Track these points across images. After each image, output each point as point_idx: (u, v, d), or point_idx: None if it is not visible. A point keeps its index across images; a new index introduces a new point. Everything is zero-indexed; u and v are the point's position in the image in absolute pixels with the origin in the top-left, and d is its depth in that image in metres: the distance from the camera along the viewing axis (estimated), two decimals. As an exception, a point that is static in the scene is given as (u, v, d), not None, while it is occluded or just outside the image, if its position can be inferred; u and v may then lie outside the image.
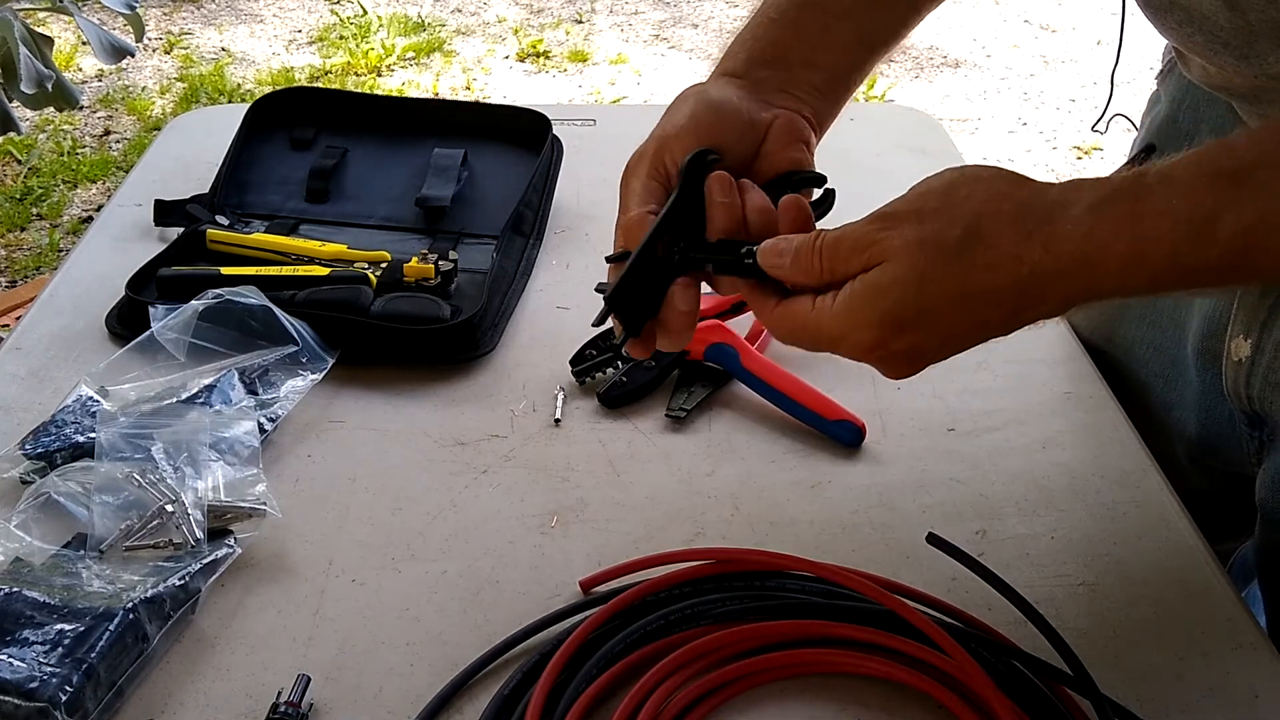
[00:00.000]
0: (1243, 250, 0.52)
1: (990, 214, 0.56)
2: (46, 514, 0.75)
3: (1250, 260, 0.52)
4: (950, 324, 0.58)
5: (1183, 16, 0.68)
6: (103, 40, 2.09)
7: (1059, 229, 0.54)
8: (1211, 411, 0.84)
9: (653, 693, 0.64)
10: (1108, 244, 0.53)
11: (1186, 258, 0.53)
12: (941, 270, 0.56)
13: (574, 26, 4.21)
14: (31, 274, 2.83)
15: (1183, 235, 0.52)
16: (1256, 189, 0.51)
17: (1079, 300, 0.56)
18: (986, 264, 0.55)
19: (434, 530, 0.77)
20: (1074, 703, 0.65)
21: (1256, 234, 0.51)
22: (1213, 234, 0.52)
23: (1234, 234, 0.51)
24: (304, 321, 0.89)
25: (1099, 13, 4.25)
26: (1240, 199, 0.51)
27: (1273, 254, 0.52)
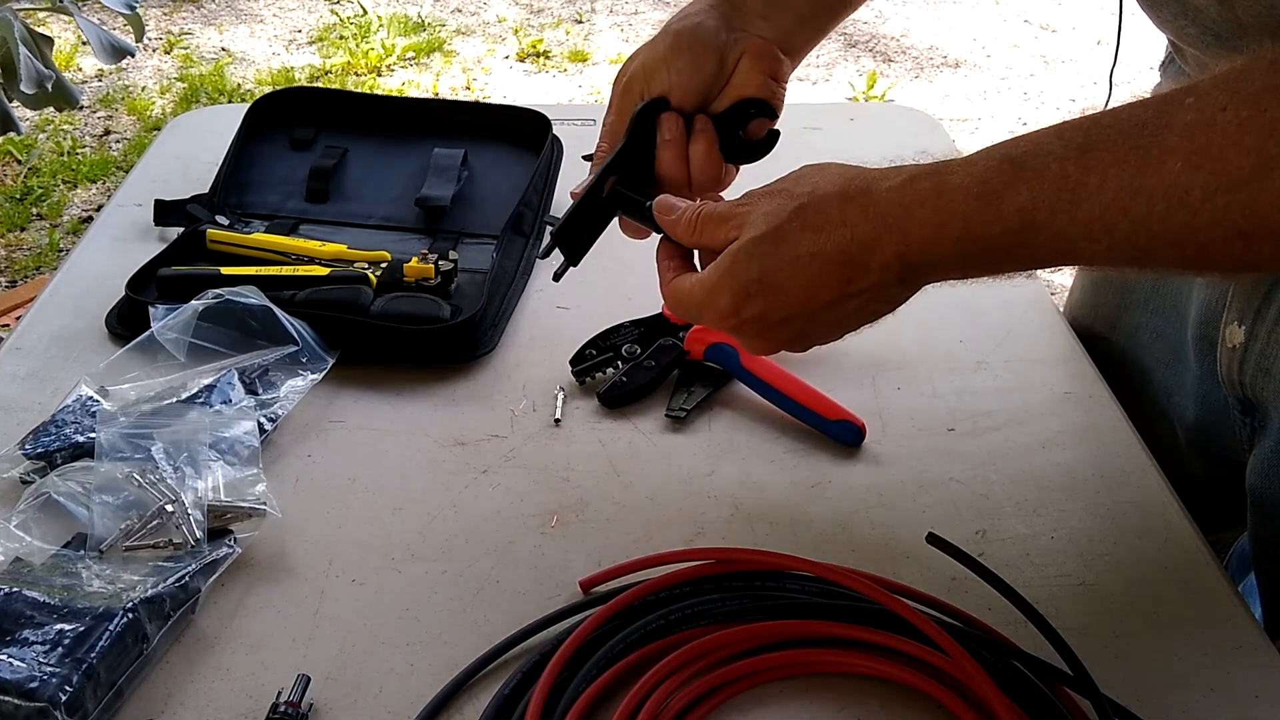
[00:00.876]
0: (1020, 228, 0.56)
1: (823, 188, 0.63)
2: (46, 514, 0.75)
3: (1028, 239, 0.56)
4: (788, 288, 0.62)
5: (1177, 9, 0.70)
6: (103, 40, 2.09)
7: (875, 196, 0.61)
8: (1208, 397, 0.84)
9: (653, 693, 0.64)
10: (913, 211, 0.59)
11: (977, 230, 0.57)
12: (779, 235, 0.62)
13: (574, 26, 4.21)
14: (31, 274, 2.83)
15: (974, 209, 0.57)
16: (1030, 173, 0.56)
17: (897, 270, 0.60)
18: (814, 225, 0.61)
19: (434, 530, 0.77)
20: (1074, 703, 0.65)
21: (1028, 212, 0.56)
22: (998, 210, 0.57)
23: (1014, 212, 0.56)
24: (304, 321, 0.89)
25: (1099, 13, 4.25)
26: (1018, 180, 0.56)
27: (1046, 232, 0.56)
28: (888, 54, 4.00)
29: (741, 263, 0.63)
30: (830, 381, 0.87)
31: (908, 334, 0.95)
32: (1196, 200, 0.51)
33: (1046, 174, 0.56)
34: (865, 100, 3.61)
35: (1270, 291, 0.75)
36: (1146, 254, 0.55)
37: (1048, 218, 0.56)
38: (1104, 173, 0.54)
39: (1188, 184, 0.51)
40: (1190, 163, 0.51)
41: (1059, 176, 0.55)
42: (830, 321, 0.65)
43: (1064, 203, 0.55)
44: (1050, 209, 0.55)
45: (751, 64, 0.75)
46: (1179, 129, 0.52)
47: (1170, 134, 0.52)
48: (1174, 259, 0.55)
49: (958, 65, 3.95)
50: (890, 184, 0.60)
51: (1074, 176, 0.55)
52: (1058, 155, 0.55)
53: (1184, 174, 0.51)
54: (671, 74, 0.74)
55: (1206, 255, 0.53)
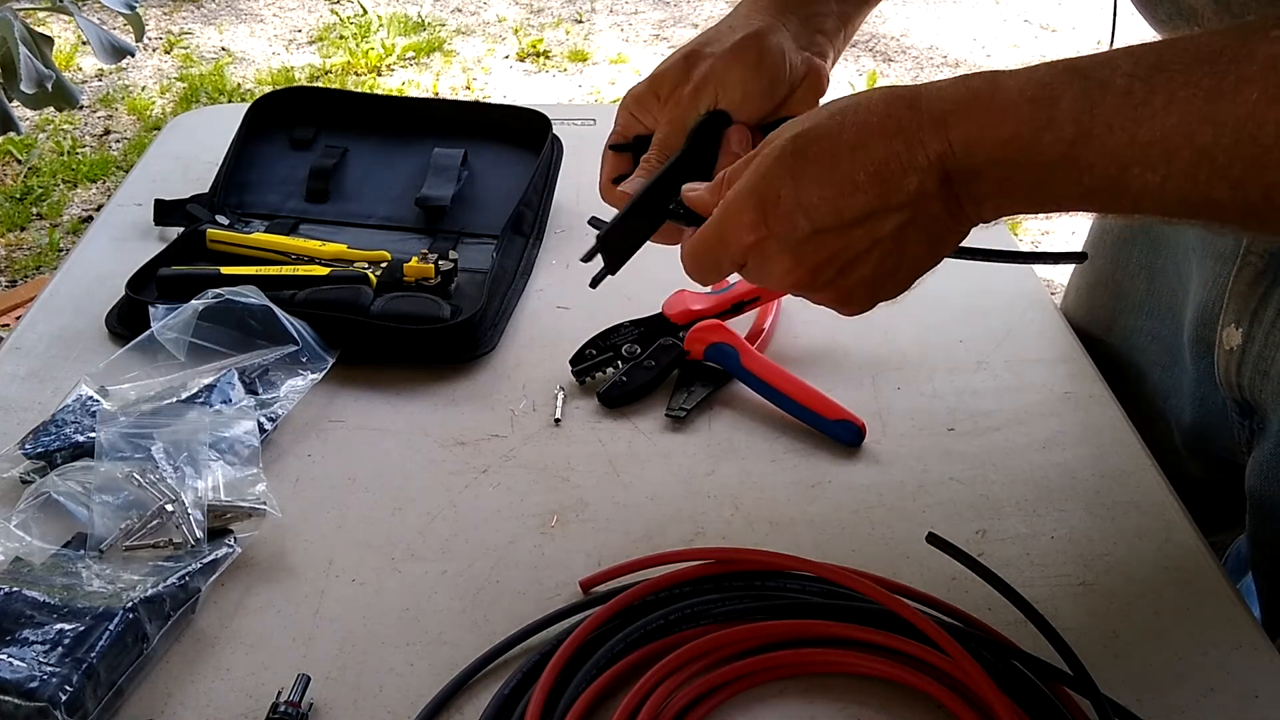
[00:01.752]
0: (1073, 139, 0.52)
1: (863, 97, 0.59)
2: (46, 514, 0.75)
3: (1079, 153, 0.53)
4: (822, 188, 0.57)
5: (1172, 9, 0.69)
6: (103, 40, 2.09)
7: (923, 93, 0.57)
8: (1206, 400, 0.84)
9: (653, 693, 0.64)
10: (962, 107, 0.55)
11: (1026, 134, 0.53)
12: (815, 133, 0.58)
13: (574, 26, 4.21)
14: (31, 274, 2.83)
15: (1026, 112, 0.54)
16: (1092, 83, 0.52)
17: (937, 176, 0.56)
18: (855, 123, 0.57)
19: (434, 530, 0.77)
20: (1074, 703, 0.65)
21: (1084, 122, 0.52)
22: (1052, 115, 0.53)
23: (1067, 117, 0.52)
24: (304, 321, 0.89)
25: (1099, 13, 4.24)
26: (1078, 88, 0.53)
27: (1100, 146, 0.52)
28: (888, 54, 4.00)
29: (770, 164, 0.59)
30: (830, 381, 0.87)
31: (908, 334, 0.95)
32: (1270, 136, 0.48)
33: (1110, 86, 0.52)
34: (865, 100, 3.60)
35: (1267, 293, 0.75)
36: (1205, 193, 0.51)
37: (1104, 131, 0.52)
38: (1172, 94, 0.50)
39: (1262, 117, 0.48)
40: (1268, 95, 0.48)
41: (1123, 91, 0.51)
42: (869, 246, 0.58)
43: (1125, 119, 0.51)
44: (1108, 123, 0.52)
45: (809, 89, 0.73)
46: (1261, 60, 0.49)
47: (1250, 63, 0.49)
48: (1232, 203, 0.51)
49: (958, 65, 3.95)
50: (940, 84, 0.57)
51: (1139, 93, 0.51)
52: (1125, 71, 0.52)
53: (1260, 106, 0.48)
54: (744, 87, 0.70)
55: (1269, 202, 0.50)
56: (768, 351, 0.93)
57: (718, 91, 0.71)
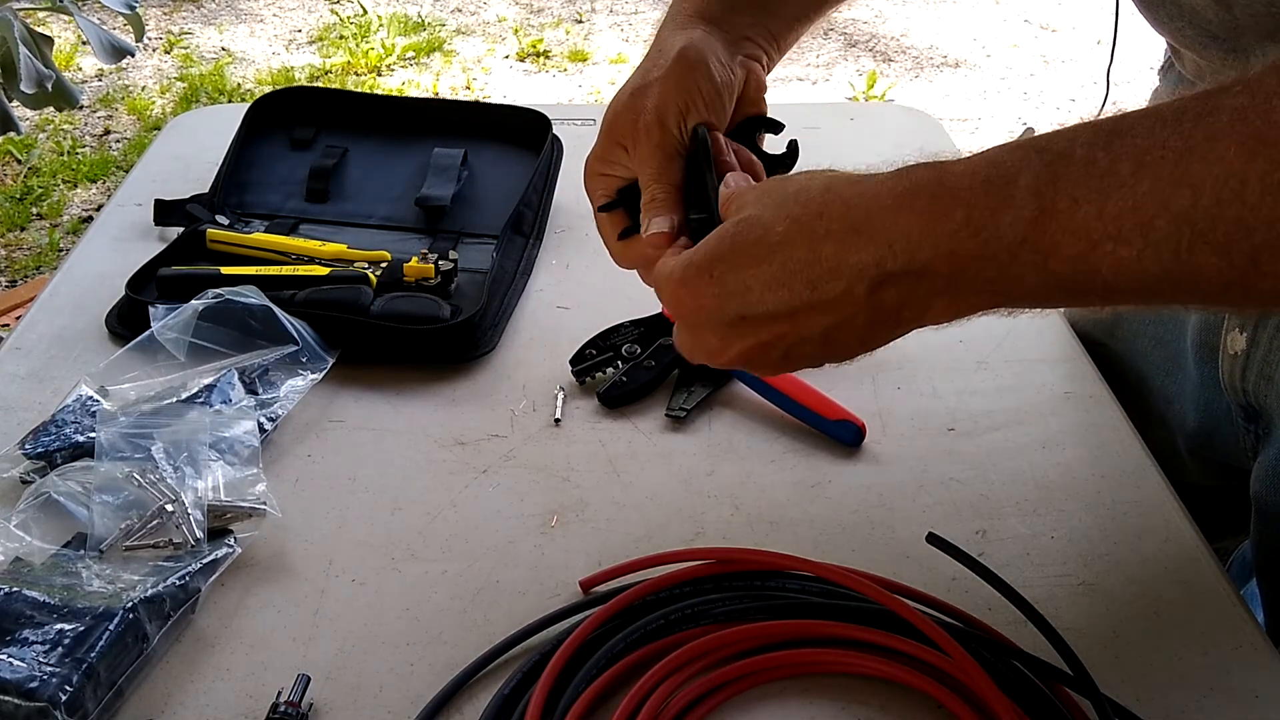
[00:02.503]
0: (1033, 217, 0.48)
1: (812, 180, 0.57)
2: (46, 514, 0.75)
3: (1042, 233, 0.49)
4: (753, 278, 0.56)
5: (1174, 10, 0.69)
6: (103, 40, 2.09)
7: (862, 187, 0.55)
8: (1210, 405, 0.84)
9: (653, 693, 0.64)
10: (905, 201, 0.52)
11: (981, 218, 0.50)
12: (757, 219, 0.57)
13: (574, 26, 4.21)
14: (31, 274, 2.83)
15: (980, 194, 0.50)
16: (1051, 155, 0.49)
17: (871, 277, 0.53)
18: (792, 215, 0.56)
19: (434, 530, 0.77)
20: (1074, 703, 0.65)
21: (1046, 196, 0.48)
22: (1008, 194, 0.49)
23: (1028, 195, 0.49)
24: (304, 321, 0.89)
25: (1099, 12, 4.24)
26: (1036, 161, 0.49)
27: (1064, 224, 0.48)
28: (888, 54, 4.00)
29: (714, 241, 0.59)
30: (830, 381, 0.87)
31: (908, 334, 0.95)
32: (1255, 193, 0.44)
33: (1071, 157, 0.48)
34: (865, 100, 3.61)
35: None
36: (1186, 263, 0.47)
37: (1069, 206, 0.48)
38: (1139, 159, 0.46)
39: (1243, 172, 0.44)
40: (1245, 148, 0.44)
41: (1085, 160, 0.48)
42: (797, 341, 0.58)
43: (1090, 190, 0.47)
44: (1072, 196, 0.48)
45: (754, 89, 0.73)
46: (1228, 112, 0.45)
47: (1217, 117, 0.45)
48: (1217, 271, 0.46)
49: (957, 65, 3.95)
50: (883, 174, 0.54)
51: (1103, 161, 0.47)
52: (1085, 140, 0.48)
53: (1238, 161, 0.44)
54: (698, 99, 0.69)
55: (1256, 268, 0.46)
56: (768, 351, 0.93)
57: (678, 110, 0.69)
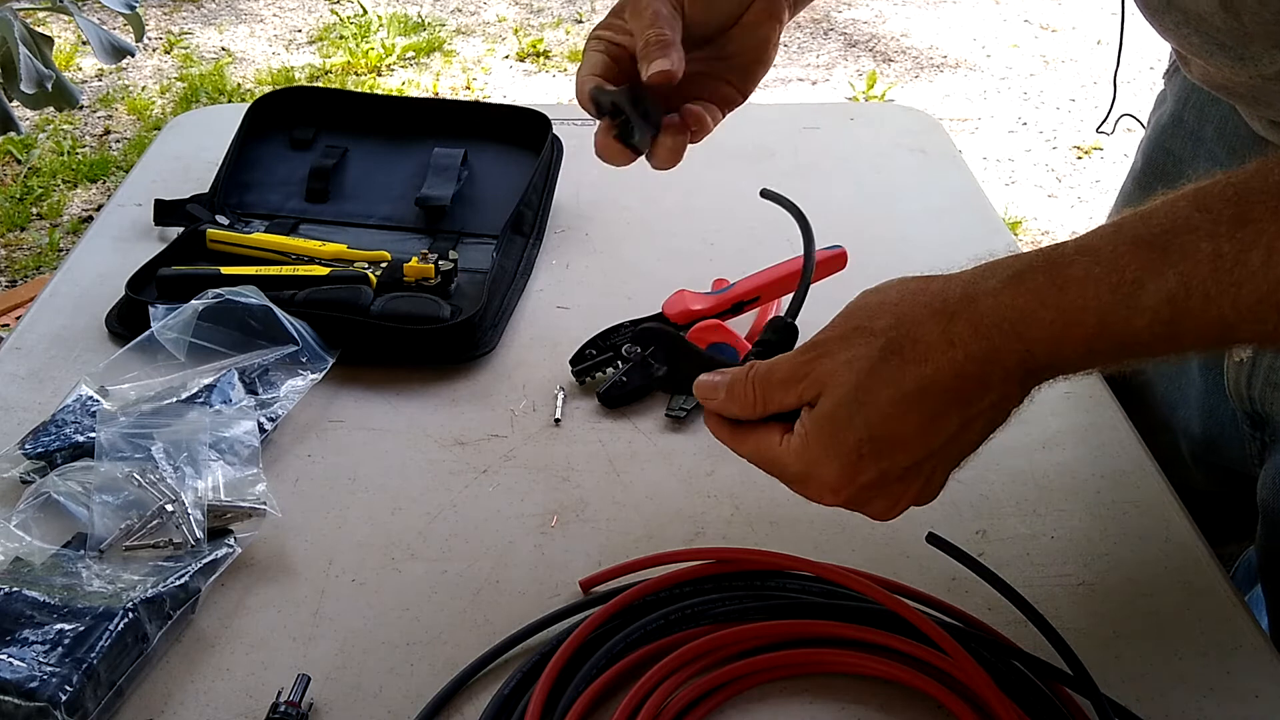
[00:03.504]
0: (1170, 319, 0.50)
1: (909, 314, 0.55)
2: (46, 514, 0.75)
3: (1178, 329, 0.50)
4: (903, 434, 0.55)
5: (1179, 18, 0.68)
6: (103, 40, 2.09)
7: (980, 305, 0.53)
8: (1214, 411, 0.84)
9: (653, 693, 0.64)
10: (1033, 313, 0.52)
11: (1115, 326, 0.51)
12: (875, 380, 0.55)
13: (574, 26, 4.21)
14: (31, 274, 2.83)
15: (1108, 303, 0.51)
16: (1175, 256, 0.50)
17: (1019, 378, 0.54)
18: (916, 358, 0.54)
19: (434, 530, 0.77)
20: (1074, 703, 0.65)
21: (1179, 301, 0.49)
22: (1138, 301, 0.50)
23: (1160, 302, 0.50)
24: (304, 321, 0.89)
25: (1099, 13, 4.25)
26: (1161, 266, 0.50)
27: (1199, 320, 0.50)
28: (888, 54, 4.00)
29: (842, 425, 0.55)
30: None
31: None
32: None
33: (1197, 255, 0.49)
34: (865, 100, 3.61)
35: None
36: None
37: (1202, 304, 0.49)
38: (1269, 247, 0.47)
39: None
40: None
41: (1212, 256, 0.48)
42: (955, 454, 0.57)
43: (1223, 285, 0.48)
44: (1205, 294, 0.49)
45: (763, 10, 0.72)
46: None
47: None
48: None
49: (958, 65, 3.95)
50: (993, 286, 0.53)
51: (1230, 255, 0.48)
52: (1206, 232, 0.49)
53: None
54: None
55: None
56: (768, 351, 0.93)
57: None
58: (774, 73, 0.78)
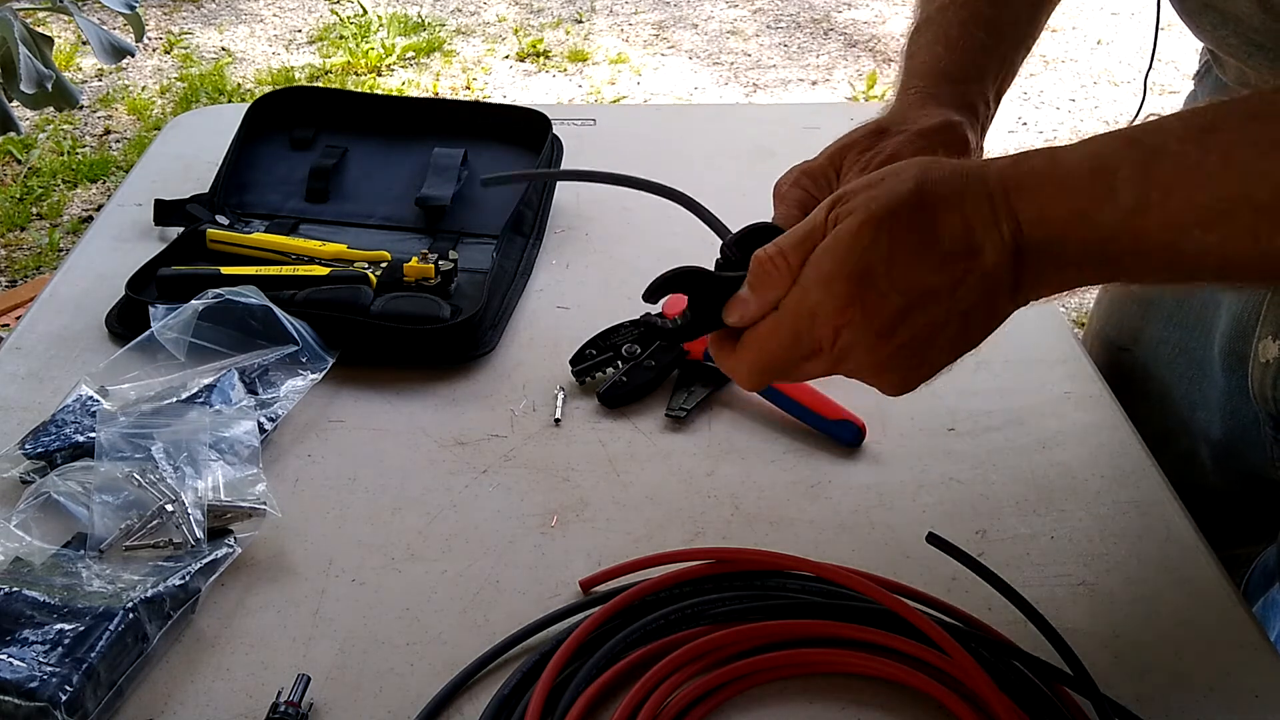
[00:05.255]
0: (1133, 208, 0.52)
1: (934, 167, 0.57)
2: (46, 514, 0.75)
3: (1143, 222, 0.52)
4: (915, 269, 0.55)
5: (1217, 19, 0.68)
6: (103, 40, 2.09)
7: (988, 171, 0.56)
8: (1237, 414, 0.83)
9: (653, 692, 0.64)
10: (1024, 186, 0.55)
11: (1087, 207, 0.53)
12: (903, 213, 0.55)
13: (574, 26, 4.21)
14: (31, 274, 2.83)
15: (1086, 185, 0.53)
16: (1149, 150, 0.52)
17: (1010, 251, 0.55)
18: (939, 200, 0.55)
19: (434, 530, 0.77)
20: (1074, 703, 0.65)
21: (1144, 193, 0.52)
22: (1111, 186, 0.52)
23: (1128, 190, 0.52)
24: (304, 321, 0.89)
25: (1098, 13, 4.25)
26: (1136, 158, 0.53)
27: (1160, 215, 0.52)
28: (888, 54, 4.00)
29: (865, 239, 0.55)
30: (830, 381, 0.87)
31: (908, 334, 0.95)
32: None
33: (1164, 151, 0.52)
34: (865, 100, 3.61)
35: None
36: (1265, 247, 0.51)
37: (1162, 197, 0.51)
38: (1226, 153, 0.50)
39: None
40: None
41: (1177, 155, 0.52)
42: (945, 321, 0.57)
43: (1181, 182, 0.51)
44: (1165, 187, 0.51)
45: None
46: None
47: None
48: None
49: (957, 65, 3.95)
50: (1001, 161, 0.56)
51: (1193, 156, 0.51)
52: (1177, 134, 0.52)
53: None
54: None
55: None
56: (768, 351, 0.93)
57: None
58: (774, 73, 0.78)
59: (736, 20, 4.21)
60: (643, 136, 1.28)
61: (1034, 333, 0.97)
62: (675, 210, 0.71)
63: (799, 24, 4.18)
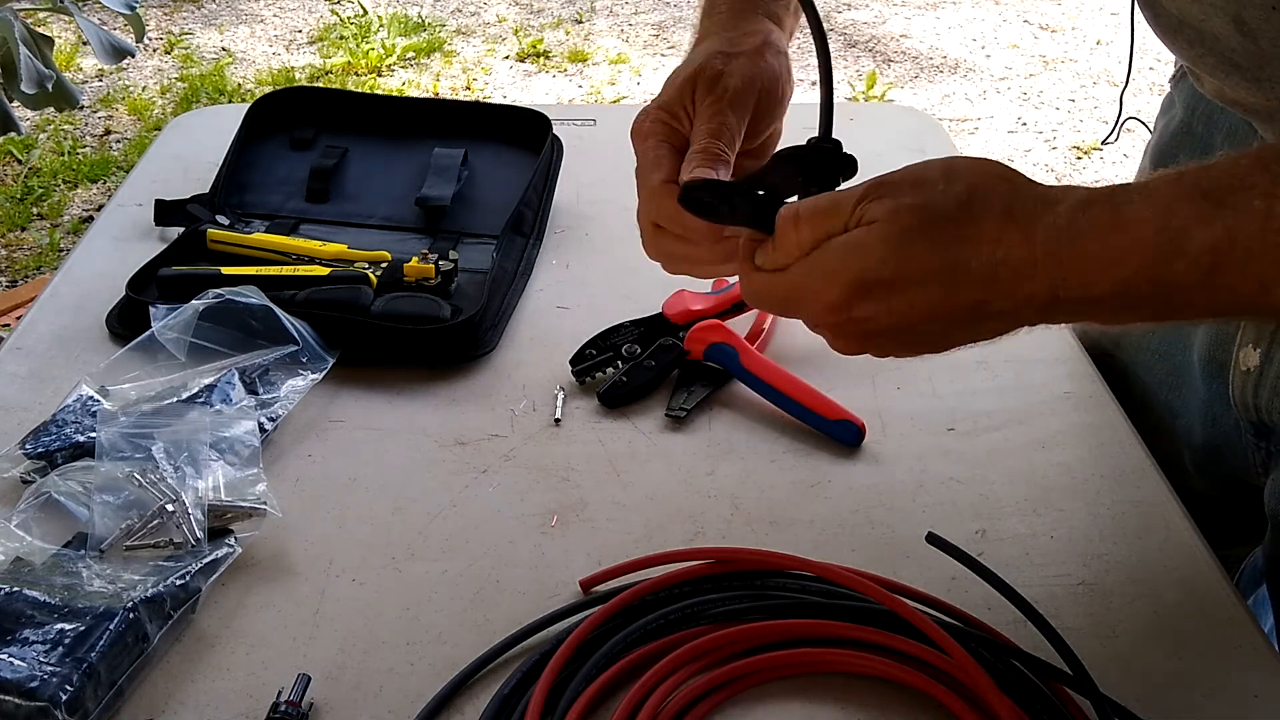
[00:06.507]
0: (1209, 268, 0.50)
1: (985, 189, 0.55)
2: (47, 514, 0.75)
3: (1215, 280, 0.51)
4: (916, 297, 0.55)
5: (1193, 36, 0.67)
6: (103, 40, 2.09)
7: (1042, 219, 0.53)
8: (1217, 420, 0.83)
9: (652, 692, 0.64)
10: (1081, 242, 0.52)
11: (1155, 267, 0.51)
12: (929, 234, 0.54)
13: (574, 26, 4.21)
14: (32, 274, 2.83)
15: (1153, 245, 0.51)
16: (1228, 210, 0.50)
17: (1043, 302, 0.54)
18: (968, 237, 0.54)
19: (434, 530, 0.77)
20: (1074, 703, 0.65)
21: (1222, 252, 0.50)
22: (1182, 247, 0.50)
23: (1202, 249, 0.50)
24: (304, 321, 0.89)
25: (1098, 13, 4.25)
26: (1211, 216, 0.50)
27: (1238, 275, 0.50)
28: (888, 54, 4.00)
29: (873, 255, 0.54)
30: (830, 381, 0.87)
31: (908, 334, 0.95)
32: None
33: (1249, 211, 0.49)
34: (865, 100, 3.61)
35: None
36: None
37: (1244, 258, 0.49)
38: None
39: None
40: None
41: (1264, 214, 0.49)
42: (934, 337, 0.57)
43: (1268, 244, 0.48)
44: (1248, 249, 0.49)
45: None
46: None
47: None
48: None
49: (957, 66, 3.95)
50: (1062, 209, 0.53)
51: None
52: (1263, 190, 0.49)
53: None
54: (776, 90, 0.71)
55: None
56: (768, 351, 0.93)
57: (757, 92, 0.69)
58: (774, 73, 0.78)
59: (736, 20, 4.21)
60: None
61: (1034, 333, 0.96)
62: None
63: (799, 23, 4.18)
